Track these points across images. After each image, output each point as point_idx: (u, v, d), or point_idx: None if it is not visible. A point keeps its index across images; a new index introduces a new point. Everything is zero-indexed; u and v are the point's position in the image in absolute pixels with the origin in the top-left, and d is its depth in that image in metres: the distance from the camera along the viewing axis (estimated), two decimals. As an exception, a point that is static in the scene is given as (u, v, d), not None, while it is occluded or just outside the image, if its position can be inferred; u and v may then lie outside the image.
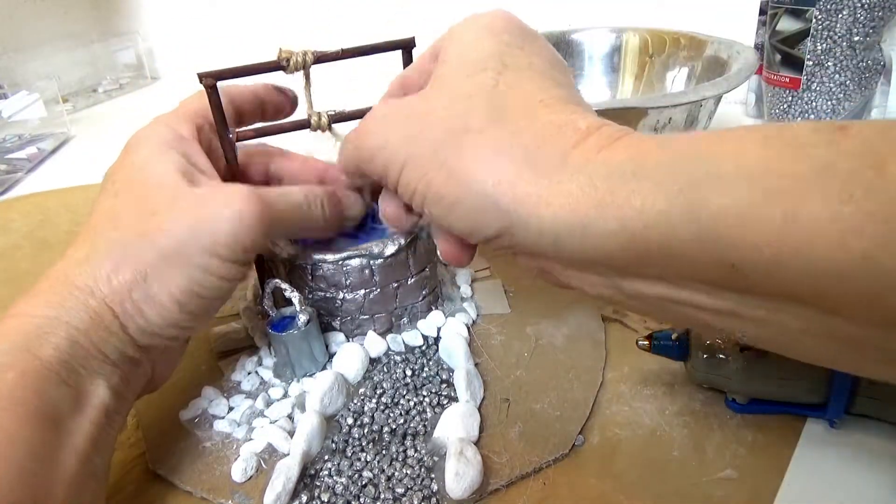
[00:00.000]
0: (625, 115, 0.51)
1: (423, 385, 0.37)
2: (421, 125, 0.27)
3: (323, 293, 0.39)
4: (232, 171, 0.38)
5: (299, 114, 0.41)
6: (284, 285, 0.36)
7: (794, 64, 0.68)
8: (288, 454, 0.33)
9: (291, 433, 0.34)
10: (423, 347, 0.40)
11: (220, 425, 0.36)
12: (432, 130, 0.27)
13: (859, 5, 0.63)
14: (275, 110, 0.41)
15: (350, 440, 0.34)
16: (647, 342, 0.36)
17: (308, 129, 0.39)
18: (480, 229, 0.26)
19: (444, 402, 0.36)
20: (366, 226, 0.44)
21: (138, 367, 0.31)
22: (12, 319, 0.28)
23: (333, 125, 0.39)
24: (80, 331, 0.28)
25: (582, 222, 0.23)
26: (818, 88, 0.68)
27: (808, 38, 0.66)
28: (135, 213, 0.30)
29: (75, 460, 0.26)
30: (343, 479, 0.32)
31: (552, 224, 0.24)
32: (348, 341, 0.40)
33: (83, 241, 0.31)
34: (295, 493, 0.31)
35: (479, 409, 0.36)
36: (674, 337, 0.36)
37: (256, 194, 0.31)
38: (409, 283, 0.40)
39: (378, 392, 0.37)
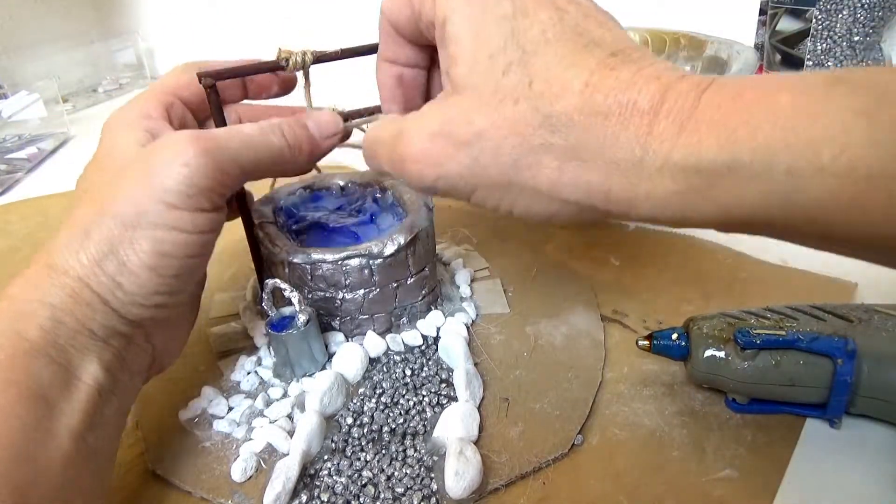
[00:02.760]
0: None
1: (423, 385, 0.37)
2: (478, 151, 0.26)
3: (322, 293, 0.39)
4: None
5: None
6: (284, 285, 0.36)
7: (794, 64, 0.68)
8: (287, 454, 0.33)
9: (291, 433, 0.34)
10: (423, 347, 0.40)
11: (219, 425, 0.36)
12: (494, 156, 0.25)
13: (859, 5, 0.62)
14: (258, 88, 0.40)
15: (350, 440, 0.34)
16: (646, 342, 0.36)
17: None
18: (583, 222, 0.27)
19: (444, 401, 0.36)
20: (366, 212, 0.44)
21: (131, 342, 0.30)
22: (1, 303, 0.28)
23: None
24: (62, 310, 0.27)
25: (682, 212, 0.23)
26: (818, 88, 0.68)
27: (808, 38, 0.66)
28: (97, 190, 0.30)
29: (68, 439, 0.26)
30: (343, 479, 0.32)
31: (651, 213, 0.24)
32: (348, 341, 0.40)
33: (62, 227, 0.30)
34: (295, 493, 0.31)
35: (479, 409, 0.36)
36: (674, 337, 0.36)
37: (199, 134, 0.30)
38: (408, 282, 0.40)
39: (378, 392, 0.37)
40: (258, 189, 0.42)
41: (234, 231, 0.53)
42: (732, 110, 0.22)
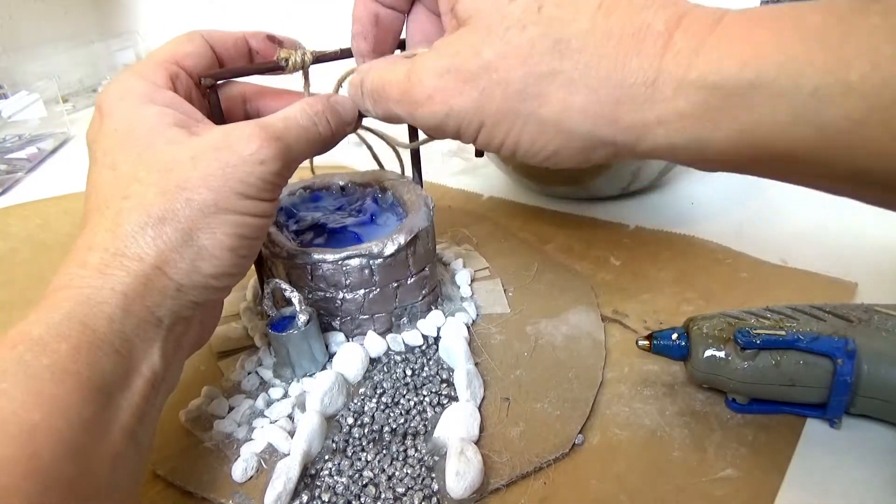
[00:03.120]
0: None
1: (424, 385, 0.37)
2: (486, 82, 0.26)
3: (323, 293, 0.39)
4: None
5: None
6: (284, 285, 0.36)
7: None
8: (288, 454, 0.33)
9: (292, 433, 0.34)
10: (423, 347, 0.40)
11: (220, 425, 0.36)
12: (502, 87, 0.25)
13: None
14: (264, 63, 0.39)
15: (350, 440, 0.34)
16: (647, 342, 0.36)
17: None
18: (584, 163, 0.25)
19: (445, 401, 0.36)
20: (366, 211, 0.44)
21: (190, 326, 0.31)
22: (62, 291, 0.27)
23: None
24: (133, 298, 0.27)
25: (697, 139, 0.22)
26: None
27: (809, 38, 0.66)
28: (147, 176, 0.29)
29: (120, 435, 0.25)
30: (344, 479, 0.32)
31: (666, 141, 0.23)
32: (348, 341, 0.40)
33: (102, 219, 0.29)
34: (295, 493, 0.31)
35: (480, 409, 0.36)
36: (674, 337, 0.36)
37: (270, 130, 0.30)
38: (408, 282, 0.40)
39: (378, 392, 0.37)
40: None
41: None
42: (757, 27, 0.21)
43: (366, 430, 0.35)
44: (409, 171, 0.46)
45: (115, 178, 0.30)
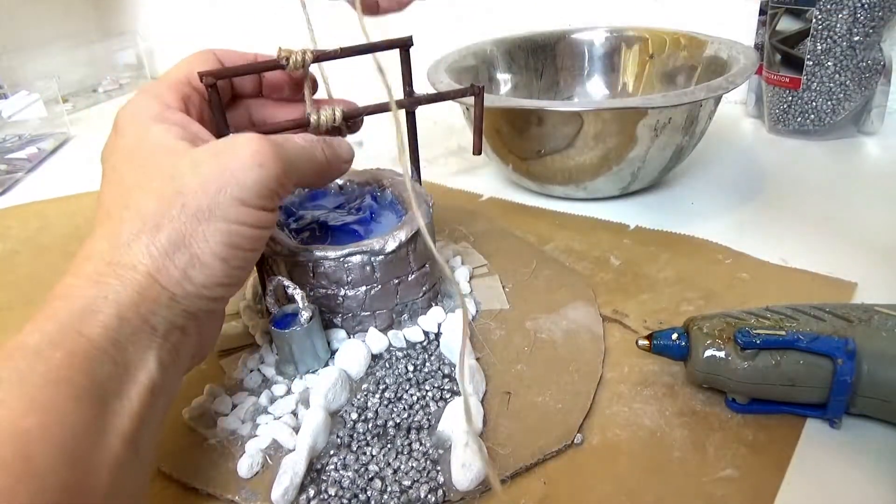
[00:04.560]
0: (625, 116, 0.51)
1: (426, 380, 0.38)
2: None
3: (324, 290, 0.39)
4: None
5: (298, 113, 0.41)
6: (287, 282, 0.37)
7: (794, 64, 0.68)
8: (293, 449, 0.33)
9: (296, 429, 0.35)
10: (424, 343, 0.41)
11: (224, 422, 0.36)
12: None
13: (859, 5, 0.63)
14: (271, 88, 0.41)
15: (355, 435, 0.34)
16: (646, 342, 0.36)
17: (308, 129, 0.40)
18: None
19: (447, 396, 0.36)
20: (365, 211, 0.44)
21: (186, 336, 0.31)
22: (57, 301, 0.27)
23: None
24: (127, 306, 0.27)
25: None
26: (818, 88, 0.68)
27: (808, 38, 0.66)
28: (149, 184, 0.30)
29: (120, 442, 0.25)
30: (350, 473, 0.32)
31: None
32: (350, 338, 0.40)
33: (102, 229, 0.30)
34: (302, 488, 0.32)
35: (482, 403, 0.36)
36: (674, 337, 0.36)
37: (267, 139, 0.31)
38: (409, 279, 0.40)
39: (381, 387, 0.37)
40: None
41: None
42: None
43: (370, 425, 0.35)
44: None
45: (119, 190, 0.31)
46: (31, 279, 0.55)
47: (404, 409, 0.36)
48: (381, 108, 0.40)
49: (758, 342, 0.33)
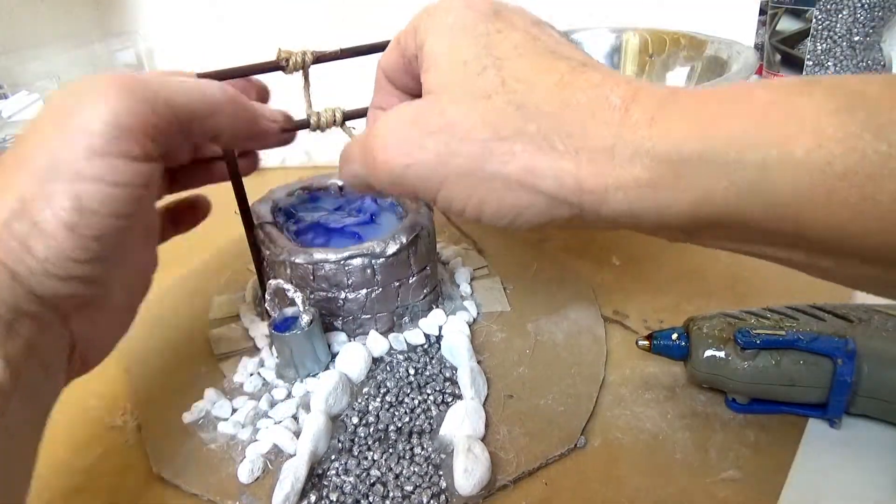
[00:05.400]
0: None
1: (427, 383, 0.38)
2: (449, 138, 0.25)
3: (325, 293, 0.39)
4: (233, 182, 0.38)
5: (300, 113, 0.41)
6: (287, 286, 0.36)
7: (794, 64, 0.68)
8: (294, 454, 0.33)
9: (297, 434, 0.35)
10: (426, 346, 0.41)
11: (223, 427, 0.36)
12: (465, 145, 0.25)
13: (859, 5, 0.63)
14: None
15: (356, 439, 0.34)
16: (647, 342, 0.36)
17: (307, 130, 0.39)
18: (550, 224, 0.26)
19: (449, 399, 0.36)
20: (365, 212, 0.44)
21: (45, 328, 0.25)
22: None
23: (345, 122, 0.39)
24: None
25: (656, 203, 0.23)
26: (818, 88, 0.68)
27: (808, 38, 0.66)
28: (12, 150, 0.25)
29: None
30: (351, 478, 0.32)
31: (627, 207, 0.23)
32: (350, 341, 0.40)
33: None
34: (303, 493, 0.31)
35: (484, 406, 0.36)
36: (674, 337, 0.36)
37: (122, 74, 0.26)
38: (410, 281, 0.40)
39: (382, 391, 0.37)
40: (254, 191, 0.42)
41: (231, 231, 0.53)
42: (706, 104, 0.22)
43: (371, 430, 0.35)
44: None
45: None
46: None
47: (406, 413, 0.36)
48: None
49: (758, 342, 0.33)
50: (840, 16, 0.64)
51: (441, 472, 0.32)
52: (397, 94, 0.33)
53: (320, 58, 0.38)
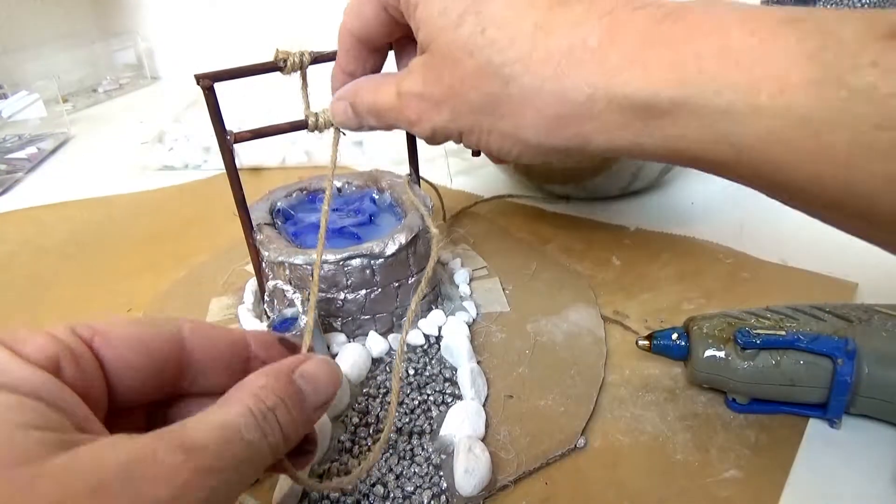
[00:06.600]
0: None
1: (427, 384, 0.38)
2: (453, 102, 0.28)
3: (323, 294, 0.39)
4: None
5: (298, 114, 0.41)
6: (286, 286, 0.36)
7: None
8: (293, 454, 0.33)
9: (295, 433, 0.34)
10: (425, 346, 0.41)
11: (223, 426, 0.36)
12: (466, 105, 0.28)
13: (859, 5, 0.63)
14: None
15: (356, 439, 0.34)
16: (647, 342, 0.36)
17: (305, 130, 0.39)
18: (548, 161, 0.29)
19: (449, 400, 0.36)
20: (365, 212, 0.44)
21: None
22: None
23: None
24: None
25: (637, 145, 0.24)
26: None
27: (808, 37, 0.66)
28: None
29: None
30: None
31: (609, 144, 0.25)
32: (350, 342, 0.40)
33: None
34: (304, 493, 0.31)
35: (484, 406, 0.36)
36: (674, 337, 0.36)
37: (192, 453, 0.19)
38: (409, 282, 0.40)
39: (382, 391, 0.37)
40: (253, 192, 0.42)
41: (229, 234, 0.53)
42: (682, 46, 0.22)
43: (371, 430, 0.35)
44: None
45: None
46: (30, 279, 0.55)
47: (406, 413, 0.36)
48: None
49: (758, 342, 0.33)
50: (840, 15, 0.64)
51: (441, 473, 0.32)
52: (363, 57, 0.34)
53: (318, 58, 0.38)
